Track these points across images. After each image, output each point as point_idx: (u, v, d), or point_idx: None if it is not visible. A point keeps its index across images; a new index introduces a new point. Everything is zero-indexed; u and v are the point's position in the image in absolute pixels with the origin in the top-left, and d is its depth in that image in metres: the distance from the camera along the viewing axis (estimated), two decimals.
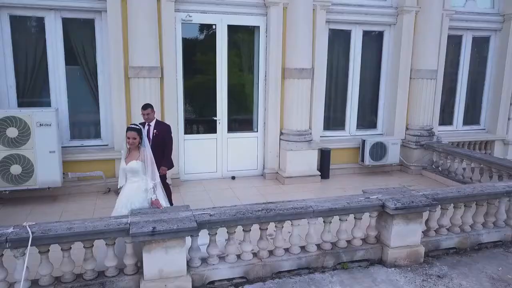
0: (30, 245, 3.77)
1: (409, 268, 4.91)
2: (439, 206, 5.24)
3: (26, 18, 6.91)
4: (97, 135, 7.57)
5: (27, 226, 3.88)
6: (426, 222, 5.29)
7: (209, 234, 4.42)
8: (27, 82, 7.09)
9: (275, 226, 4.65)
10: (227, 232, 4.48)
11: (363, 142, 8.63)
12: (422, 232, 5.21)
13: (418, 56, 8.85)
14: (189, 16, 7.46)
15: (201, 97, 8.15)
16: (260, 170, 8.52)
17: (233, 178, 8.27)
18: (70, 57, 7.22)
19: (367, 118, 9.37)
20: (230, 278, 4.49)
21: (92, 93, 7.46)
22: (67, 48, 7.16)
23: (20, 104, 7.02)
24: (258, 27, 7.98)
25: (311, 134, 8.33)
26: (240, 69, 8.26)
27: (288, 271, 4.69)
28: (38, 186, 6.52)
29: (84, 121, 7.55)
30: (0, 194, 6.61)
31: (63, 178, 6.86)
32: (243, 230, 4.53)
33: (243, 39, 8.15)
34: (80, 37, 7.26)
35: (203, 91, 8.09)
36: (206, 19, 7.66)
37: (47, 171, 6.52)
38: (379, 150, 8.61)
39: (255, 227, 4.57)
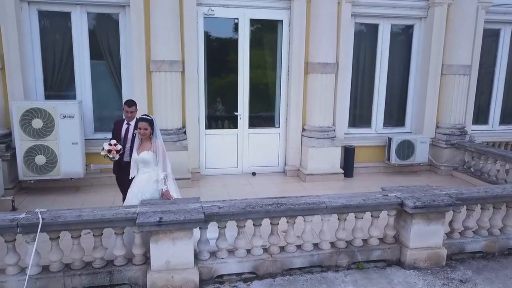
0: (40, 231, 3.84)
1: (429, 271, 4.64)
2: (465, 207, 4.94)
3: (54, 13, 7.09)
4: None
5: (38, 213, 3.95)
6: (450, 223, 5.00)
7: (218, 227, 4.35)
8: (54, 75, 7.28)
9: (287, 221, 4.51)
10: (237, 226, 4.40)
11: (389, 140, 8.31)
12: (446, 233, 4.93)
13: (451, 51, 8.42)
14: (211, 10, 7.43)
15: (222, 91, 8.11)
16: (281, 167, 8.38)
17: (254, 174, 8.18)
18: (95, 52, 7.36)
19: (395, 116, 9.01)
20: (239, 273, 4.40)
21: (116, 87, 7.57)
22: (92, 43, 7.29)
23: (47, 97, 7.21)
24: (281, 21, 7.84)
25: (334, 131, 8.10)
26: (263, 64, 8.15)
27: (300, 269, 4.54)
28: (61, 176, 6.69)
29: (108, 115, 7.65)
30: (25, 183, 6.85)
31: (86, 169, 7.00)
32: (253, 224, 4.42)
33: (265, 34, 8.04)
34: (105, 32, 7.39)
35: (225, 86, 8.04)
36: (228, 13, 7.60)
37: (70, 162, 6.68)
38: (406, 148, 8.26)
39: (267, 222, 4.46)
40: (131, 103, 5.24)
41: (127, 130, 5.16)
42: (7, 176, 6.57)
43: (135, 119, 5.06)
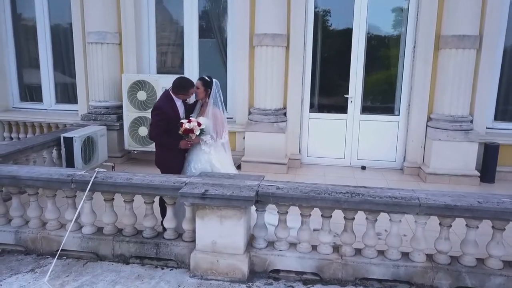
0: (91, 190, 3.74)
1: None
2: None
3: None
4: None
5: (96, 171, 3.86)
6: None
7: (278, 212, 3.64)
8: (166, 53, 7.51)
9: (366, 218, 3.52)
10: (301, 214, 3.61)
11: None
12: None
13: None
14: None
15: (331, 69, 7.16)
16: (399, 162, 7.05)
17: (363, 168, 7.07)
18: (204, 29, 7.31)
19: None
20: (299, 272, 3.62)
21: (223, 64, 7.38)
22: (201, 21, 7.25)
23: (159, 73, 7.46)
24: None
25: (471, 122, 6.45)
26: (381, 39, 6.96)
27: (379, 281, 3.51)
28: None
29: None
30: (134, 154, 7.18)
31: None
32: (321, 215, 3.58)
33: (386, 3, 6.82)
34: (213, 8, 7.29)
35: (335, 63, 7.10)
36: None
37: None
38: None
39: (340, 215, 3.56)
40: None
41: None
42: (116, 145, 6.99)
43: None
